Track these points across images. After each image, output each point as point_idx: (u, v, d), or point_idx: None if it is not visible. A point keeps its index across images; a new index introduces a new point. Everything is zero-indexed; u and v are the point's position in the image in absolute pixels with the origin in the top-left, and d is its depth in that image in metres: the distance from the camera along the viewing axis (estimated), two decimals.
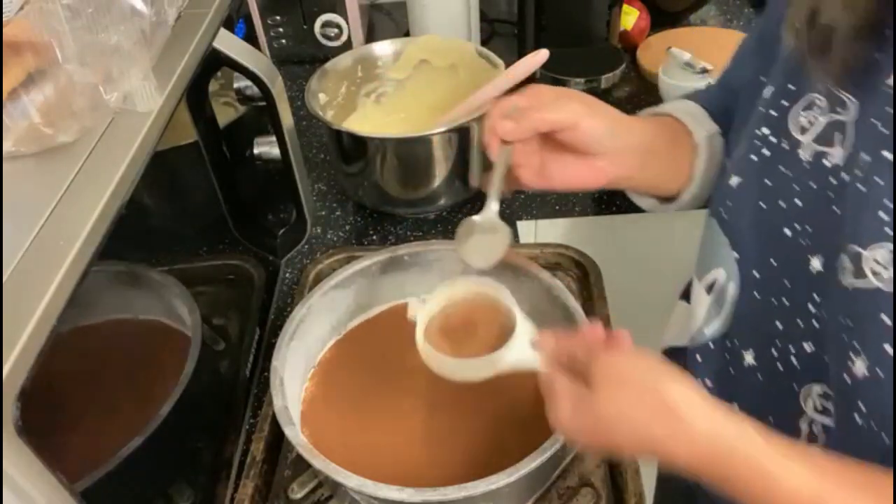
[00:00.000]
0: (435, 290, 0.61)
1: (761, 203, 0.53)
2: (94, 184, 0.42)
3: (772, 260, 0.53)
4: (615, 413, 0.45)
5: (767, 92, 0.54)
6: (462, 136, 0.89)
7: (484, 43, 1.29)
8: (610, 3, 1.13)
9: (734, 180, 0.56)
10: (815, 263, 0.49)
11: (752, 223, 0.54)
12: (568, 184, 0.60)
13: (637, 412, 0.44)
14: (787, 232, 0.51)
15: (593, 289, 0.79)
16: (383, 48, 1.02)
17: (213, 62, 0.65)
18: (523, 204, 0.99)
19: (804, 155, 0.50)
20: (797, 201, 0.51)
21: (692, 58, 1.09)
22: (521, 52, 1.17)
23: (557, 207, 1.00)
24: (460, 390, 0.68)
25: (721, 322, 0.59)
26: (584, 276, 0.82)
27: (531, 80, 0.94)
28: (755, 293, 0.55)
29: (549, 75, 1.11)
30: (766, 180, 0.53)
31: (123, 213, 0.43)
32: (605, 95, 1.18)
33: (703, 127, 0.65)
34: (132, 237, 0.57)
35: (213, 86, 0.72)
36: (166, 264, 0.68)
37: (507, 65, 0.93)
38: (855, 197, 0.45)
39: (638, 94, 1.18)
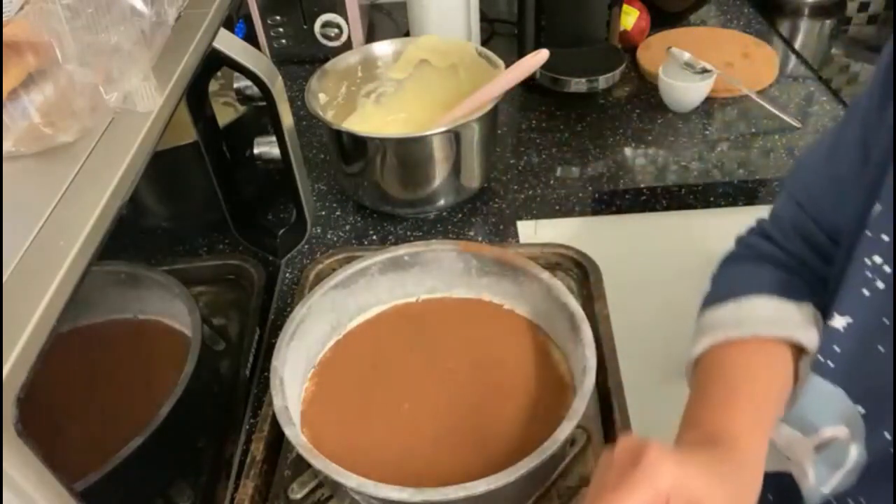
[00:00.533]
0: None
1: (880, 347, 0.45)
2: (94, 184, 0.42)
3: None
4: None
5: (876, 211, 0.45)
6: (462, 136, 0.89)
7: (484, 43, 1.29)
8: (610, 3, 1.13)
9: (840, 322, 0.47)
10: None
11: (869, 372, 0.47)
12: None
13: None
14: None
15: (593, 289, 0.79)
16: (383, 48, 1.02)
17: (213, 62, 0.65)
18: (523, 204, 0.99)
19: None
20: None
21: (692, 58, 1.09)
22: (521, 52, 1.17)
23: (557, 207, 1.00)
24: (461, 391, 0.69)
25: (839, 480, 0.52)
26: (584, 276, 0.82)
27: (531, 79, 0.95)
28: (891, 451, 0.47)
29: (549, 75, 1.11)
30: (885, 319, 0.45)
31: (123, 213, 0.43)
32: (605, 95, 1.18)
33: (801, 320, 0.51)
34: (132, 237, 0.57)
35: (213, 86, 0.72)
36: (166, 264, 0.68)
37: (508, 65, 0.93)
38: None
39: (638, 94, 1.18)
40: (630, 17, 1.25)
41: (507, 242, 0.93)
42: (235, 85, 0.76)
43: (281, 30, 1.26)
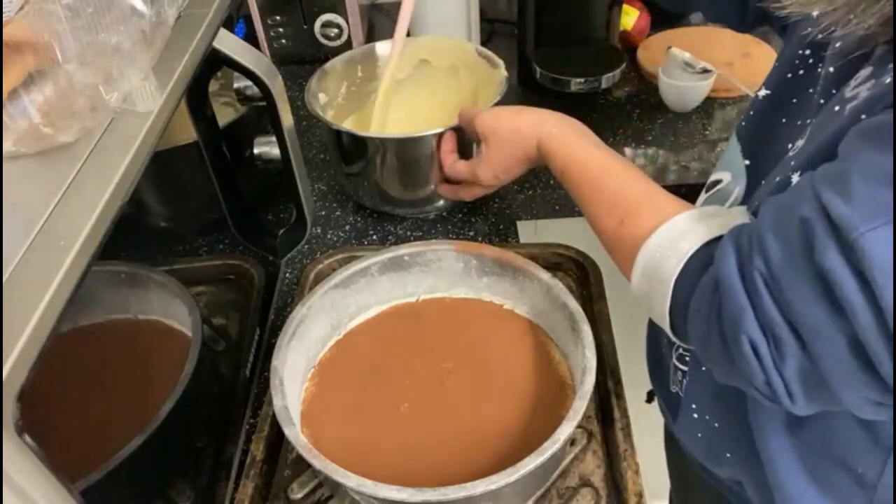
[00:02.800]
0: None
1: (783, 119, 0.53)
2: (94, 184, 0.42)
3: (774, 176, 0.51)
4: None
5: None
6: (462, 136, 0.89)
7: (484, 43, 1.29)
8: (610, 3, 1.13)
9: (763, 92, 0.56)
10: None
11: (769, 137, 0.54)
12: None
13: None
14: (791, 152, 0.50)
15: (593, 289, 0.79)
16: (383, 48, 1.02)
17: (213, 62, 0.65)
18: (523, 204, 0.99)
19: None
20: (810, 122, 0.49)
21: (692, 58, 1.09)
22: (522, 52, 1.18)
23: (557, 207, 1.00)
24: (460, 391, 0.69)
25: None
26: (584, 276, 0.82)
27: (532, 79, 0.95)
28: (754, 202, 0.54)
29: (549, 75, 1.11)
30: (794, 99, 0.52)
31: (123, 213, 0.43)
32: (605, 95, 1.18)
33: None
34: (132, 237, 0.58)
35: (213, 86, 0.72)
36: (166, 264, 0.69)
37: (507, 66, 0.94)
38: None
39: (638, 94, 1.18)
40: (630, 17, 1.25)
41: (507, 242, 0.93)
42: (235, 85, 0.76)
43: (281, 30, 1.26)
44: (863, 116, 0.41)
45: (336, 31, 1.26)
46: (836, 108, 0.45)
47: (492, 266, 0.74)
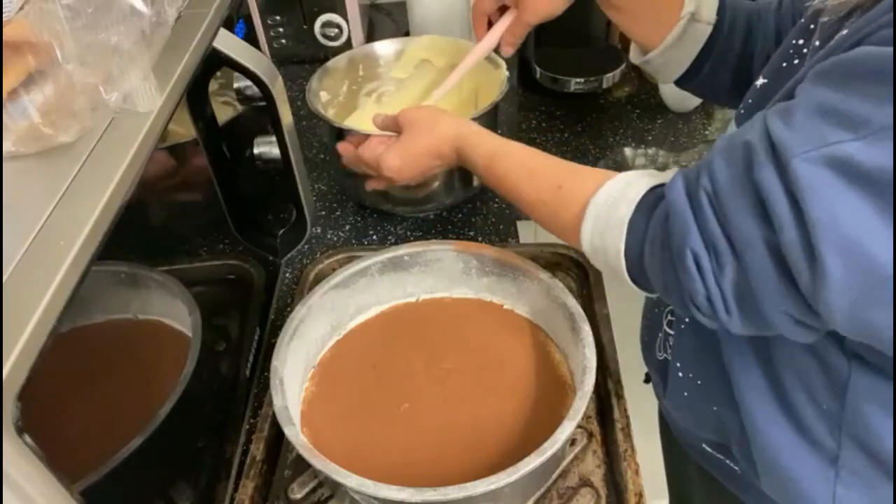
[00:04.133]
0: None
1: (790, 83, 0.53)
2: (94, 184, 0.42)
3: None
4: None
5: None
6: None
7: None
8: None
9: (760, 81, 0.57)
10: None
11: (777, 98, 0.55)
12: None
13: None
14: None
15: (593, 289, 0.79)
16: (384, 47, 1.02)
17: (213, 62, 0.65)
18: None
19: None
20: None
21: None
22: (521, 52, 1.18)
23: None
24: (460, 391, 0.69)
25: None
26: (584, 276, 0.82)
27: (532, 79, 0.95)
28: None
29: (549, 75, 1.11)
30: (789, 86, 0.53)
31: (123, 213, 0.43)
32: (605, 95, 1.18)
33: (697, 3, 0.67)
34: (132, 237, 0.57)
35: (213, 86, 0.72)
36: (166, 264, 0.68)
37: (508, 65, 0.93)
38: None
39: (638, 94, 1.18)
40: None
41: (507, 242, 0.93)
42: (235, 85, 0.76)
43: (281, 30, 1.26)
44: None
45: (336, 31, 1.26)
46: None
47: (492, 266, 0.74)
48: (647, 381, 0.77)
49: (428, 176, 0.75)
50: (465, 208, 0.99)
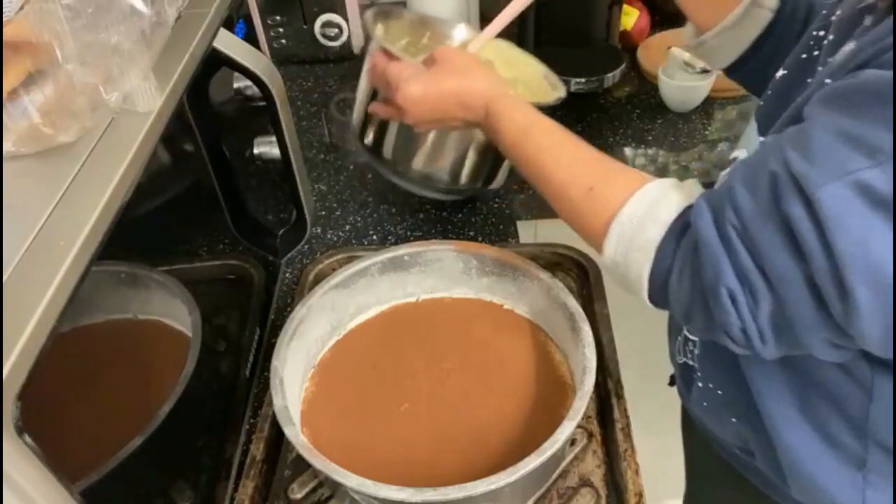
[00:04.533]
0: None
1: (798, 99, 0.52)
2: (94, 184, 0.42)
3: None
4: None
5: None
6: None
7: None
8: (610, 3, 1.13)
9: (780, 73, 0.56)
10: None
11: (784, 118, 0.54)
12: None
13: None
14: None
15: (593, 289, 0.79)
16: (460, 32, 0.94)
17: (213, 62, 0.65)
18: (523, 204, 0.99)
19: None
20: None
21: (692, 58, 1.09)
22: None
23: None
24: (460, 391, 0.69)
25: None
26: (584, 276, 0.82)
27: None
28: None
29: None
30: (809, 79, 0.53)
31: (123, 213, 0.43)
32: (605, 95, 1.18)
33: None
34: (132, 237, 0.58)
35: (213, 86, 0.72)
36: (166, 264, 0.69)
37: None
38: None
39: (638, 94, 1.18)
40: (630, 17, 1.25)
41: (507, 242, 0.93)
42: (235, 85, 0.76)
43: (281, 30, 1.26)
44: (827, 81, 0.45)
45: (336, 31, 1.26)
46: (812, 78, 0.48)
47: (492, 266, 0.74)
48: (671, 383, 0.76)
49: (441, 126, 0.68)
50: (465, 208, 0.99)
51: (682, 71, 1.10)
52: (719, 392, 0.62)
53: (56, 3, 0.41)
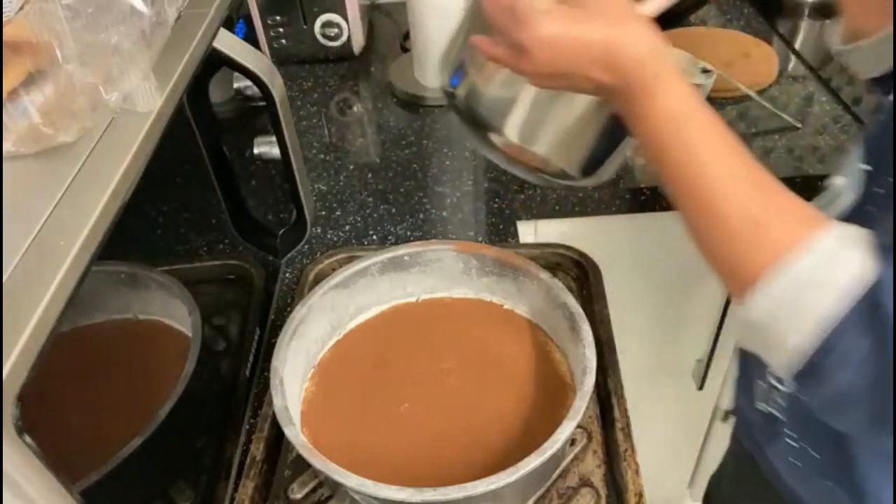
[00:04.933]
0: None
1: None
2: (94, 184, 0.42)
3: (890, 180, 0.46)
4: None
5: None
6: None
7: None
8: None
9: (889, 99, 0.49)
10: None
11: (887, 140, 0.48)
12: None
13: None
14: None
15: (593, 289, 0.79)
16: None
17: (213, 62, 0.65)
18: (523, 204, 0.99)
19: None
20: None
21: (692, 58, 1.09)
22: None
23: (557, 207, 1.00)
24: (460, 391, 0.69)
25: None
26: (584, 276, 0.82)
27: None
28: (869, 209, 0.49)
29: None
30: None
31: (123, 213, 0.43)
32: None
33: None
34: (132, 237, 0.58)
35: (213, 86, 0.72)
36: (166, 264, 0.69)
37: None
38: None
39: None
40: None
41: (507, 242, 0.93)
42: (235, 85, 0.76)
43: (281, 30, 1.26)
44: None
45: (336, 31, 1.26)
46: None
47: (492, 266, 0.74)
48: (725, 419, 0.71)
49: (564, 85, 0.52)
50: (465, 208, 0.99)
51: (682, 71, 1.10)
52: (816, 455, 0.57)
53: (56, 3, 0.41)
